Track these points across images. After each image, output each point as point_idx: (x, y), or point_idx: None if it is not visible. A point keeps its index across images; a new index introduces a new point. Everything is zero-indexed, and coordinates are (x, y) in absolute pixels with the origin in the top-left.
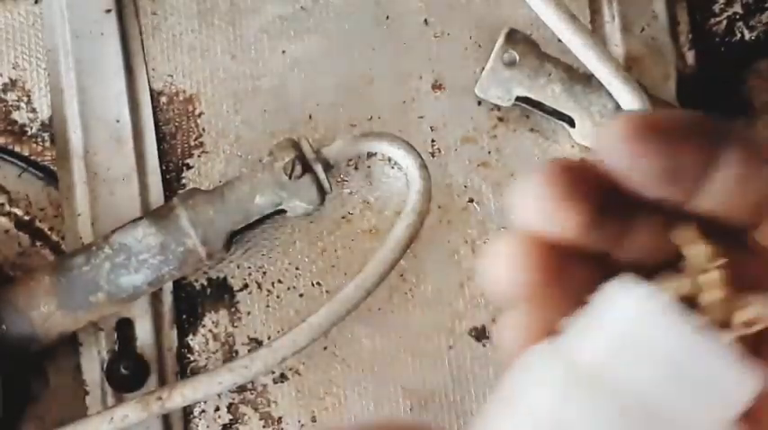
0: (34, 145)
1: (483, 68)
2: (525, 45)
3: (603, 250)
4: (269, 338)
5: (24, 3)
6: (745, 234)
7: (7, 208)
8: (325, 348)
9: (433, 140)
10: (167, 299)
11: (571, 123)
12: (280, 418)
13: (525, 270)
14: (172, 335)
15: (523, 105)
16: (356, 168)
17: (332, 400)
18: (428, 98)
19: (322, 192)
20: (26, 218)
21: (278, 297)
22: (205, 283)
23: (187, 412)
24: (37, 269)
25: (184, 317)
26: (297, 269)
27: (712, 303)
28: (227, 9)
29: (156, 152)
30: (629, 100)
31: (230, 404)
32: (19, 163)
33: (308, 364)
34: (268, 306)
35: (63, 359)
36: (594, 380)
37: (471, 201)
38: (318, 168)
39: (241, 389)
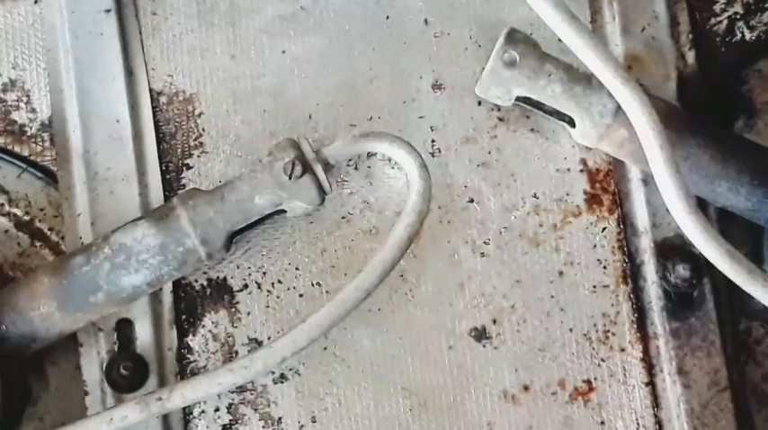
0: (34, 145)
1: (483, 68)
2: (525, 45)
3: None
4: (269, 338)
5: (24, 3)
6: None
7: (7, 208)
8: (325, 348)
9: (433, 140)
10: (167, 299)
11: (571, 123)
12: (280, 419)
13: None
14: (172, 336)
15: (523, 105)
16: (356, 168)
17: (332, 400)
18: (428, 98)
19: (322, 193)
20: (26, 218)
21: (278, 297)
22: (205, 283)
23: (187, 412)
24: (37, 269)
25: (184, 317)
26: (297, 269)
27: None
28: (226, 9)
29: (156, 152)
30: (630, 100)
31: (230, 404)
32: (19, 163)
33: (308, 365)
34: (268, 306)
35: (63, 359)
36: None
37: (471, 201)
38: (318, 168)
39: (241, 389)
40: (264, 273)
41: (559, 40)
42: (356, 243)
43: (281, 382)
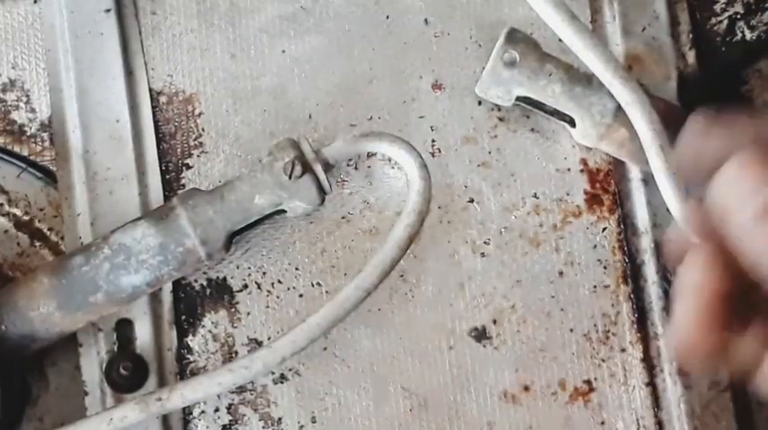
0: (33, 145)
1: (483, 68)
2: (525, 45)
3: None
4: (269, 339)
5: (24, 2)
6: None
7: (6, 208)
8: (325, 348)
9: (433, 140)
10: (167, 299)
11: (572, 123)
12: (279, 419)
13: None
14: (171, 336)
15: (524, 105)
16: (356, 168)
17: (332, 401)
18: (428, 98)
19: (322, 192)
20: (25, 218)
21: (278, 297)
22: (205, 284)
23: (186, 413)
24: (36, 269)
25: (184, 317)
26: (297, 269)
27: None
28: (226, 9)
29: (155, 152)
30: (630, 100)
31: (230, 404)
32: (18, 163)
33: (308, 365)
34: (268, 306)
35: (62, 359)
36: None
37: (471, 201)
38: (318, 168)
39: (241, 389)
40: (264, 273)
41: (559, 40)
42: (356, 243)
43: (281, 382)
